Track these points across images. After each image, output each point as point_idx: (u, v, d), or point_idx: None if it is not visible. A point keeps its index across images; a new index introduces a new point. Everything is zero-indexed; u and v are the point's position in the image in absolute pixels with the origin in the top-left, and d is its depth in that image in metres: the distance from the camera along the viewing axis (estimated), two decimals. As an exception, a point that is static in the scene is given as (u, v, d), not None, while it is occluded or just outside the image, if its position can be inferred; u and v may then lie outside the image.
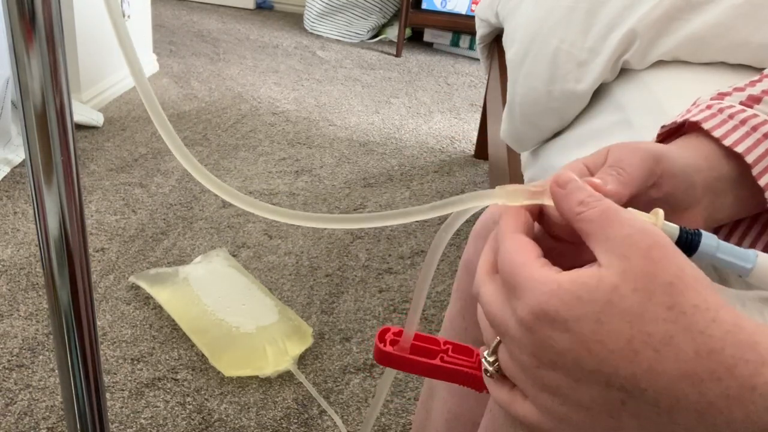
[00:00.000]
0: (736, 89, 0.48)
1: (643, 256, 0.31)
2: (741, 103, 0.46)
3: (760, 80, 0.49)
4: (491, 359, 0.37)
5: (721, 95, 0.48)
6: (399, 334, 0.48)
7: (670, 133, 0.49)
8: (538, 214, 0.40)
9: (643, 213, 0.37)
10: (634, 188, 0.39)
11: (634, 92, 0.77)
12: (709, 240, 0.37)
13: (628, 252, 0.31)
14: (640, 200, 0.40)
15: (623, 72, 0.82)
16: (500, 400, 0.37)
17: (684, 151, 0.43)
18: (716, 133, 0.43)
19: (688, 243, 0.37)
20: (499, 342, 0.36)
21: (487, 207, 0.49)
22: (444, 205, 0.39)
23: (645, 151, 0.40)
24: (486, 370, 0.37)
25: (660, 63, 0.78)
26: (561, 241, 0.40)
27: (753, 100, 0.47)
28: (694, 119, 0.45)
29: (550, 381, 0.33)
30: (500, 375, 0.37)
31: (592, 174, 0.40)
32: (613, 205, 0.34)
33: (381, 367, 1.26)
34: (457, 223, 0.40)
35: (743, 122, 0.43)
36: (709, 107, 0.45)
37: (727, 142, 0.43)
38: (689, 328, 0.29)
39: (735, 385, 0.28)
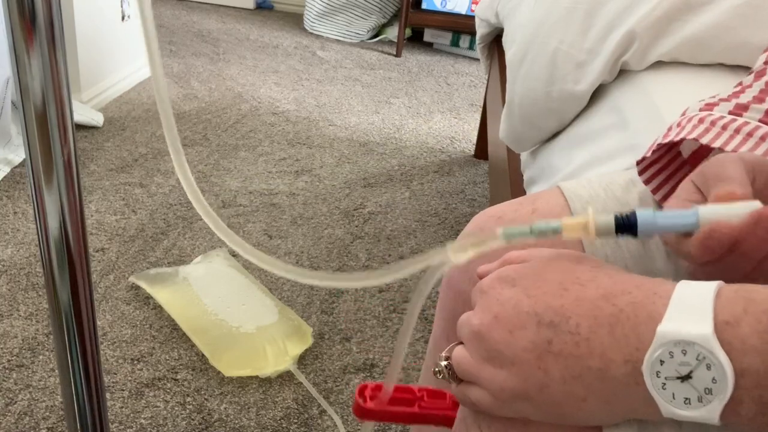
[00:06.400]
0: (722, 99, 0.50)
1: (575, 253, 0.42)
2: (729, 113, 0.48)
3: (742, 90, 0.51)
4: (444, 363, 0.43)
5: (709, 106, 0.50)
6: (376, 389, 0.53)
7: (669, 148, 0.50)
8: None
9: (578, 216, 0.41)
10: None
11: (631, 94, 0.78)
12: (644, 215, 0.39)
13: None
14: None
15: (621, 73, 0.82)
16: (457, 393, 0.43)
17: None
18: (715, 144, 0.45)
19: (626, 224, 0.40)
20: (452, 347, 0.43)
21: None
22: (398, 268, 0.44)
23: (740, 159, 0.41)
24: (439, 372, 0.44)
25: (658, 64, 0.78)
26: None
27: (741, 108, 0.48)
28: (690, 137, 0.47)
29: (491, 344, 0.40)
30: (452, 374, 0.43)
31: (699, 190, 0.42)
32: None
33: (381, 366, 1.26)
34: (429, 284, 0.43)
35: (737, 131, 0.45)
36: (701, 121, 0.47)
37: (728, 148, 0.45)
38: (607, 273, 0.39)
39: (641, 294, 0.36)
